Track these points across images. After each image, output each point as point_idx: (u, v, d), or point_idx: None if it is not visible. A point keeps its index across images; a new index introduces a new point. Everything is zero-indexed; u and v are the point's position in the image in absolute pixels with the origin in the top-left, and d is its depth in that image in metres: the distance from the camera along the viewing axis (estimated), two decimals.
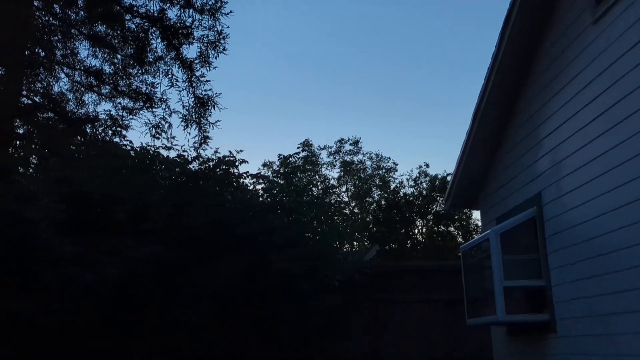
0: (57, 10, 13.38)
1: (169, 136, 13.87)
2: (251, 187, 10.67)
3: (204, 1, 13.09)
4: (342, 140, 32.70)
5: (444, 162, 45.15)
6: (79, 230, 8.60)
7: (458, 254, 8.26)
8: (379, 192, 31.35)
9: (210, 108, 13.64)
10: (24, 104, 13.16)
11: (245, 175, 10.45)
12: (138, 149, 10.50)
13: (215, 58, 13.57)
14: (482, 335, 9.15)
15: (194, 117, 13.71)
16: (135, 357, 8.86)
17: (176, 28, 13.27)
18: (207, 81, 13.62)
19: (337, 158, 32.62)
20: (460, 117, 53.74)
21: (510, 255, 6.85)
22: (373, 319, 10.82)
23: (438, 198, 29.14)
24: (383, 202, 30.12)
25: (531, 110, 7.17)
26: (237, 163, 10.22)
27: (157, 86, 13.96)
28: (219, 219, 9.15)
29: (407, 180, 31.39)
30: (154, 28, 13.37)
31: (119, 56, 13.85)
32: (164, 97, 13.94)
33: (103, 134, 13.75)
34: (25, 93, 13.29)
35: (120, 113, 13.94)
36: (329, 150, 32.56)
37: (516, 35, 6.93)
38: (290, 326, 9.13)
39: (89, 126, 13.77)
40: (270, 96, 46.80)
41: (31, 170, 11.58)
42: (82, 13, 13.35)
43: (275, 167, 26.92)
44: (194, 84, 13.66)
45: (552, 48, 6.69)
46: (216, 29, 13.42)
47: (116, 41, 13.70)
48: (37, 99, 13.63)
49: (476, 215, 28.24)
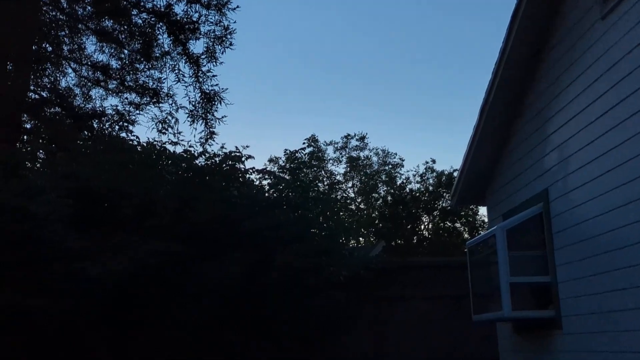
0: (65, 5, 13.43)
1: (176, 131, 13.95)
2: (257, 183, 10.67)
3: None
4: (349, 135, 32.70)
5: (451, 158, 45.13)
6: (86, 225, 8.63)
7: (464, 250, 8.25)
8: (385, 188, 31.32)
9: (216, 103, 13.70)
10: (31, 99, 13.22)
11: (251, 170, 10.44)
12: (145, 144, 10.50)
13: (221, 53, 13.62)
14: (488, 330, 9.14)
15: (201, 113, 13.76)
16: (137, 353, 8.89)
17: (183, 23, 13.29)
18: (214, 76, 13.67)
19: (344, 154, 32.61)
20: (467, 113, 53.67)
21: (516, 251, 6.84)
22: (379, 314, 10.82)
23: (444, 194, 29.10)
24: (389, 198, 30.11)
25: (539, 106, 7.14)
26: (244, 159, 10.21)
27: (164, 81, 14.05)
28: (225, 215, 9.16)
29: (414, 176, 31.37)
30: (161, 23, 13.40)
31: (126, 51, 13.89)
32: (171, 93, 14.02)
33: (110, 129, 13.82)
34: (32, 88, 13.35)
35: (127, 108, 14.02)
36: (335, 145, 32.56)
37: (524, 30, 6.89)
38: (293, 321, 9.14)
39: (96, 121, 13.83)
40: (276, 91, 46.85)
41: (38, 165, 11.61)
42: (89, 8, 13.39)
43: (281, 163, 26.95)
44: (201, 79, 13.70)
45: (560, 43, 6.66)
46: (223, 24, 13.47)
47: (123, 36, 13.73)
48: (45, 94, 13.69)
49: (482, 211, 28.24)
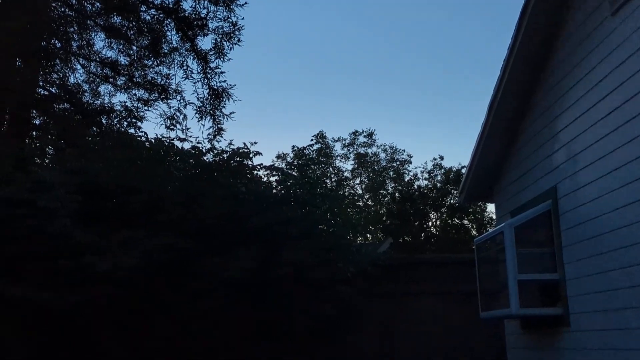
0: (73, 1, 13.46)
1: (184, 128, 13.97)
2: (265, 179, 10.68)
3: None
4: (357, 132, 32.64)
5: (459, 155, 44.84)
6: (94, 220, 8.67)
7: (472, 247, 8.23)
8: (393, 185, 31.27)
9: (224, 100, 13.71)
10: (40, 95, 13.28)
11: (259, 167, 10.45)
12: (153, 141, 10.53)
13: (229, 50, 13.62)
14: (496, 327, 9.12)
15: (209, 109, 13.77)
16: (144, 347, 8.91)
17: (191, 19, 13.31)
18: (222, 73, 13.69)
19: (351, 150, 32.56)
20: (476, 110, 53.43)
21: (524, 248, 6.82)
22: (386, 310, 10.82)
23: (452, 191, 29.02)
24: (397, 195, 30.05)
25: (547, 102, 7.11)
26: (251, 155, 10.22)
27: (172, 77, 14.06)
28: (233, 211, 9.18)
29: (422, 172, 31.28)
30: (169, 19, 13.42)
31: (134, 47, 13.91)
32: (179, 89, 14.03)
33: (118, 125, 13.86)
34: (41, 84, 13.40)
35: (135, 104, 14.05)
36: (343, 142, 32.52)
37: (533, 26, 6.86)
38: (301, 317, 9.14)
39: (105, 117, 13.88)
40: (284, 88, 46.84)
41: (47, 160, 11.67)
42: (98, 4, 13.42)
43: (289, 159, 27.01)
44: (209, 76, 13.72)
45: (570, 39, 6.62)
46: (231, 21, 13.46)
47: (131, 32, 13.76)
48: (53, 90, 13.74)
49: (490, 208, 28.14)
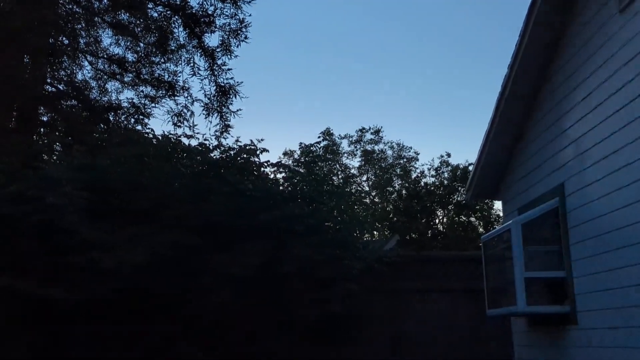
0: None
1: (191, 124, 13.99)
2: (272, 176, 10.70)
3: None
4: (363, 129, 32.59)
5: (466, 152, 44.86)
6: (101, 217, 8.71)
7: (479, 245, 8.22)
8: (400, 182, 31.25)
9: (231, 96, 13.71)
10: (48, 92, 13.31)
11: (266, 164, 10.47)
12: (160, 137, 10.56)
13: (236, 46, 13.61)
14: (503, 324, 9.11)
15: (216, 106, 13.77)
16: (151, 343, 8.94)
17: (198, 16, 13.30)
18: (229, 69, 13.68)
19: (358, 147, 32.53)
20: (483, 107, 53.33)
21: (531, 246, 6.80)
22: (392, 306, 10.83)
23: (459, 188, 28.95)
24: (404, 192, 30.01)
25: (554, 99, 7.08)
26: (258, 152, 10.25)
27: (179, 74, 14.08)
28: (240, 207, 9.19)
29: (429, 169, 31.25)
30: (176, 16, 13.42)
31: (142, 44, 13.93)
32: (186, 86, 14.04)
33: (125, 122, 13.89)
34: (49, 81, 13.44)
35: (142, 101, 14.08)
36: (350, 139, 32.49)
37: (540, 23, 6.84)
38: (308, 312, 9.15)
39: (112, 114, 13.91)
40: (291, 85, 46.83)
41: (55, 157, 11.71)
42: (106, 1, 13.44)
43: (296, 156, 27.00)
44: (216, 73, 13.72)
45: (577, 36, 6.59)
46: (238, 17, 13.45)
47: (139, 29, 13.78)
48: (61, 87, 13.77)
49: (497, 205, 28.06)
